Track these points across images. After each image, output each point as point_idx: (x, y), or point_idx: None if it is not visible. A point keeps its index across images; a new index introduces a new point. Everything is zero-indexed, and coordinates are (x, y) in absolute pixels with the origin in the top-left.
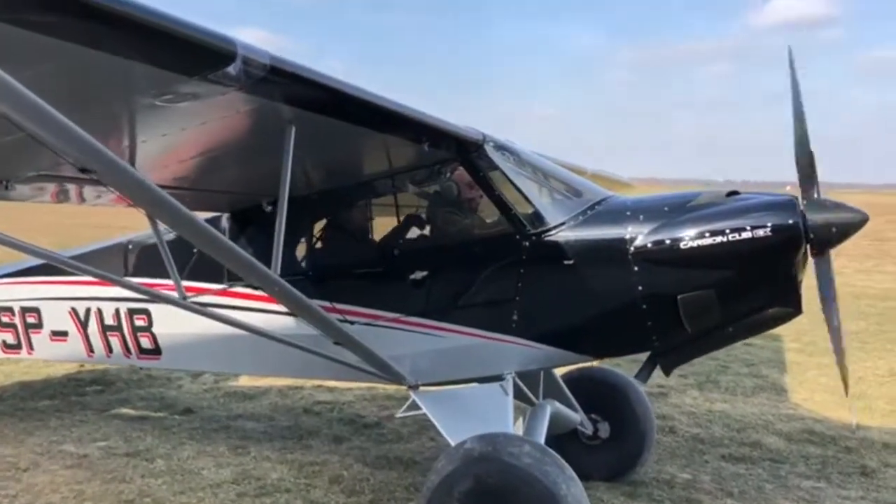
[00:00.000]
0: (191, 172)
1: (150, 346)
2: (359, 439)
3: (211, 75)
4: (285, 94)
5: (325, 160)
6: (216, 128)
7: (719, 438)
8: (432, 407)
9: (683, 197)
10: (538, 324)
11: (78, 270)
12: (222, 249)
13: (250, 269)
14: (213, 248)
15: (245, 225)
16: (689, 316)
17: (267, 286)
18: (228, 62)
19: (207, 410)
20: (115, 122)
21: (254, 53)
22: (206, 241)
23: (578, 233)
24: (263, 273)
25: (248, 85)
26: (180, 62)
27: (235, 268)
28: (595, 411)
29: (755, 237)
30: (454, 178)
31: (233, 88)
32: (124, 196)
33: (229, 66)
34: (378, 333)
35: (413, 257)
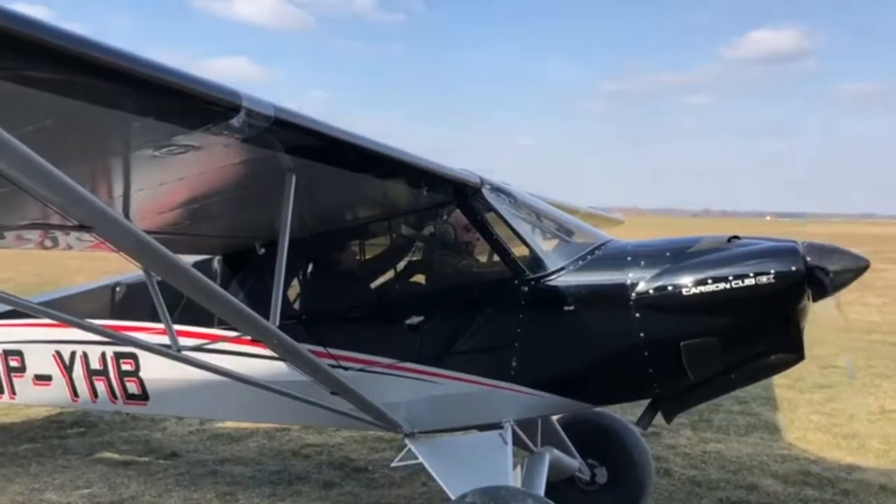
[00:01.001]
0: (185, 218)
1: (136, 392)
2: (350, 484)
3: (213, 128)
4: (287, 144)
5: (323, 205)
6: (215, 176)
7: (715, 481)
8: (429, 456)
9: (685, 242)
10: (537, 371)
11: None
12: (220, 302)
13: (248, 323)
14: (212, 302)
15: (237, 267)
16: (691, 363)
17: (266, 339)
18: (232, 115)
19: (193, 454)
20: (113, 174)
21: (258, 105)
22: (203, 294)
23: (578, 278)
24: (262, 326)
25: (251, 136)
26: (183, 115)
27: (233, 321)
28: (592, 456)
29: (758, 284)
30: (451, 221)
31: (235, 139)
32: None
33: (233, 118)
34: (373, 380)
35: (409, 302)
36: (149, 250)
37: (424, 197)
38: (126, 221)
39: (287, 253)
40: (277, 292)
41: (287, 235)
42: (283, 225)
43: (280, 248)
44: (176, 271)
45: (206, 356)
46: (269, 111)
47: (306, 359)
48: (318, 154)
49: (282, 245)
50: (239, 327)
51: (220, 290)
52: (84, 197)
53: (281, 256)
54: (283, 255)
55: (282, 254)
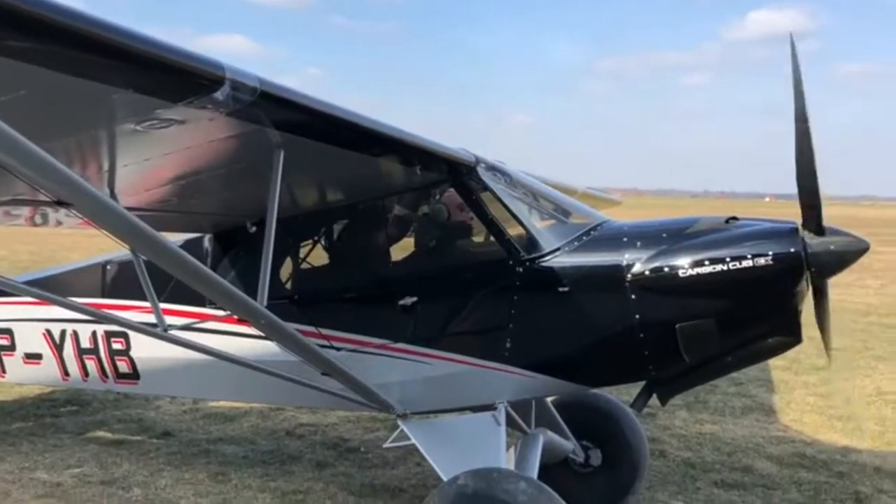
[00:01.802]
0: (173, 195)
1: (127, 371)
2: (343, 465)
3: (197, 101)
4: (274, 118)
5: (313, 183)
6: (201, 152)
7: (710, 463)
8: (422, 437)
9: (682, 222)
10: (532, 352)
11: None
12: (206, 282)
13: (234, 302)
14: (197, 281)
15: (229, 246)
16: (687, 345)
17: (254, 320)
18: (216, 88)
19: (186, 434)
20: (94, 149)
21: (242, 78)
22: (190, 275)
23: (574, 259)
24: (250, 307)
25: (236, 110)
26: (165, 88)
27: (220, 301)
28: (586, 438)
29: (756, 266)
30: (444, 200)
31: (220, 113)
32: (103, 229)
33: (216, 91)
34: (365, 360)
35: (402, 282)
36: (130, 228)
37: (418, 175)
38: (104, 197)
39: (277, 232)
40: (265, 271)
41: (275, 213)
42: (270, 202)
43: (268, 227)
44: (159, 249)
45: (195, 336)
46: (254, 84)
47: (295, 339)
48: (307, 129)
49: (270, 223)
50: (226, 307)
51: (205, 269)
52: (59, 171)
53: (269, 235)
54: (270, 234)
55: (269, 232)
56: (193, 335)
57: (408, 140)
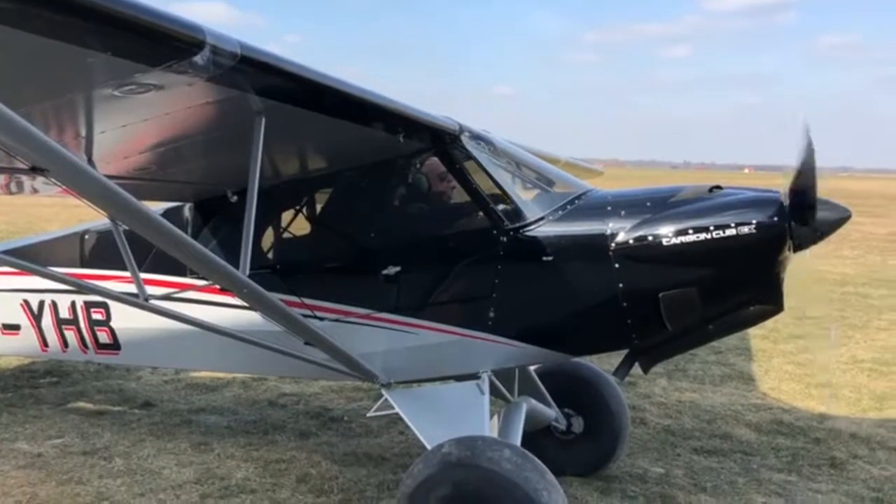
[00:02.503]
0: (152, 163)
1: (108, 341)
2: (326, 434)
3: (176, 65)
4: (255, 84)
5: (295, 151)
6: (181, 118)
7: (690, 430)
8: (406, 406)
9: (666, 191)
10: (515, 321)
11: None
12: (186, 250)
13: (217, 272)
14: (178, 250)
15: (209, 215)
16: (670, 314)
17: (235, 289)
18: (195, 51)
19: (168, 404)
20: (71, 114)
21: (222, 42)
22: (170, 243)
23: (558, 228)
24: (232, 275)
25: (217, 75)
26: (143, 51)
27: (201, 269)
28: (569, 406)
29: (739, 234)
30: (424, 170)
31: (200, 78)
32: (81, 196)
33: (196, 55)
34: (348, 330)
35: (385, 252)
36: (109, 195)
37: (401, 144)
38: (81, 163)
39: (259, 201)
40: (247, 241)
41: (256, 181)
42: (252, 170)
43: (249, 196)
44: (140, 218)
45: (176, 305)
46: (235, 48)
47: (278, 308)
48: (289, 95)
49: (251, 192)
50: (207, 276)
51: (186, 237)
52: (35, 137)
53: (250, 204)
54: (252, 203)
55: (251, 201)
56: (175, 305)
57: (391, 107)
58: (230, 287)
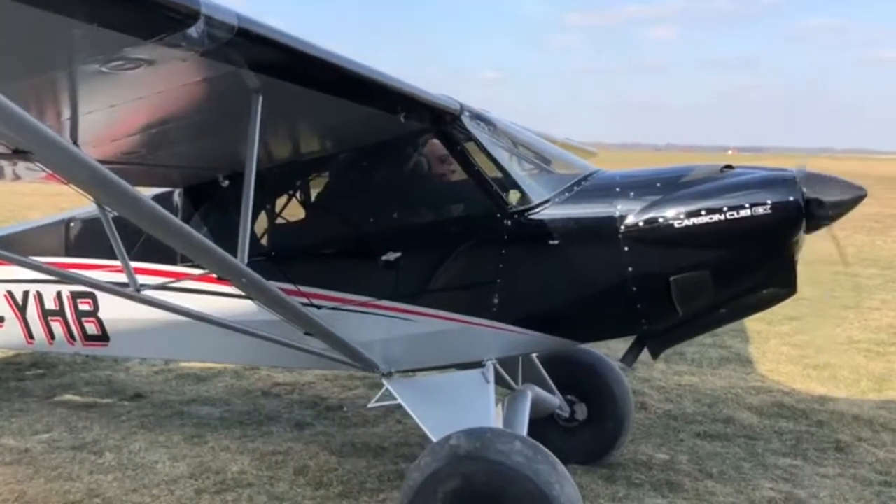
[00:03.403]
0: (141, 146)
1: (96, 333)
2: (322, 424)
3: (169, 38)
4: (254, 60)
5: (292, 132)
6: (173, 97)
7: (692, 415)
8: (408, 396)
9: (676, 171)
10: (520, 307)
11: None
12: (184, 239)
13: (215, 261)
14: (174, 238)
15: (200, 201)
16: (681, 298)
17: (234, 278)
18: (190, 23)
19: (159, 395)
20: (54, 93)
21: (219, 13)
22: (166, 231)
23: (564, 210)
24: (231, 265)
25: (212, 49)
26: (133, 23)
27: (198, 258)
28: (572, 392)
29: (754, 215)
30: (424, 151)
31: (194, 53)
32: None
33: (191, 27)
34: (347, 318)
35: (385, 236)
36: (98, 179)
37: (401, 124)
38: (68, 144)
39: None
40: (245, 227)
41: (254, 165)
42: (249, 153)
43: (247, 179)
44: (130, 203)
45: (168, 295)
46: (232, 20)
47: (277, 298)
48: (288, 72)
49: (248, 176)
50: (203, 264)
51: (180, 223)
52: (17, 116)
53: (248, 188)
54: (249, 187)
55: (248, 186)
56: (165, 295)
57: (393, 86)
58: (228, 276)
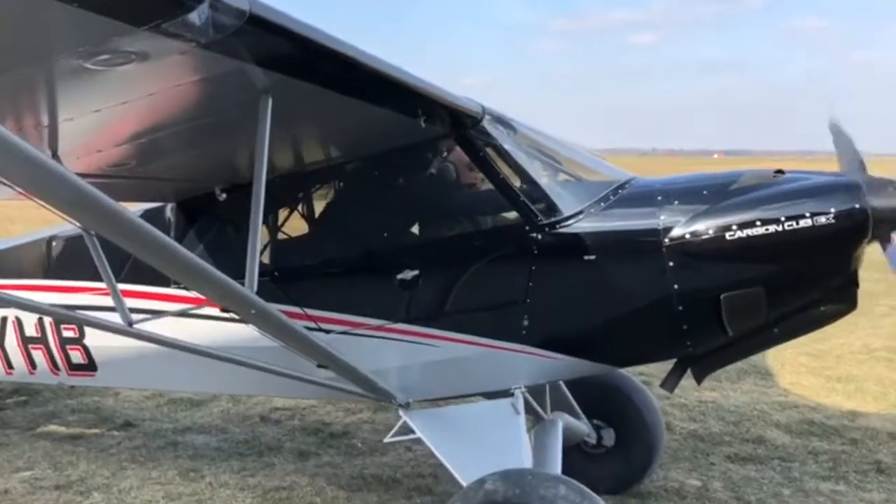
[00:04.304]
0: (129, 157)
1: (82, 361)
2: (327, 453)
3: (167, 25)
4: (264, 53)
5: (300, 138)
6: (168, 100)
7: (719, 435)
8: (429, 430)
9: (724, 177)
10: (553, 330)
11: None
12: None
13: (223, 291)
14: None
15: (194, 217)
16: (732, 317)
17: (242, 309)
18: (192, 7)
19: (150, 423)
20: (28, 96)
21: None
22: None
23: (601, 222)
24: (240, 295)
25: (217, 40)
26: (123, 5)
27: (204, 290)
28: (598, 417)
29: (816, 225)
30: (444, 158)
31: (195, 45)
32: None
33: (192, 11)
34: (359, 344)
35: (401, 253)
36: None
37: (421, 129)
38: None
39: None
40: (253, 249)
41: (263, 176)
42: (258, 162)
43: (255, 193)
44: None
45: (163, 326)
46: (243, 4)
47: (293, 331)
48: (304, 69)
49: (257, 189)
50: (211, 297)
51: (183, 251)
52: None
53: (256, 204)
54: (259, 203)
55: (257, 201)
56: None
57: (416, 85)
58: (235, 308)
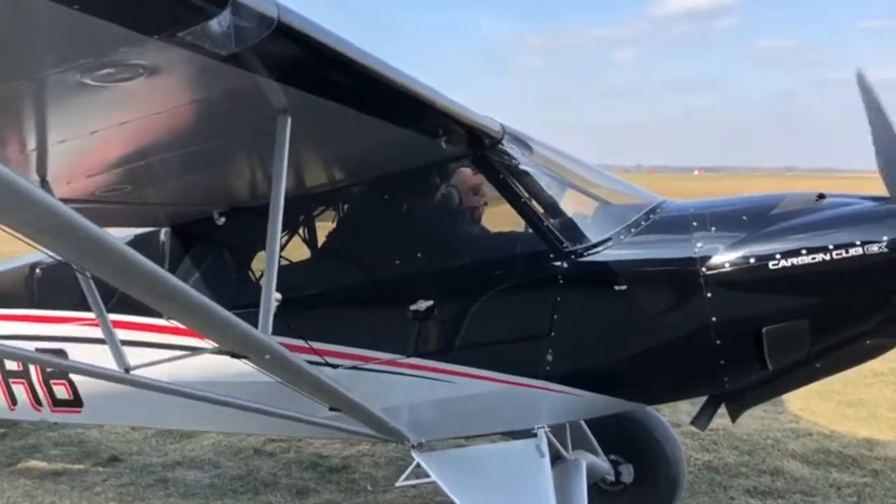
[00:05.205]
0: (125, 181)
1: (66, 397)
2: (327, 490)
3: (184, 34)
4: (291, 68)
5: (315, 160)
6: (173, 119)
7: (734, 466)
8: (446, 474)
9: (764, 201)
10: (580, 365)
11: None
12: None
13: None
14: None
15: (190, 242)
16: (774, 351)
17: (255, 354)
18: (213, 12)
19: (138, 458)
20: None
21: (254, 1)
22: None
23: (631, 250)
24: (254, 339)
25: (239, 52)
26: (133, 11)
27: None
28: (616, 452)
29: (867, 254)
30: (454, 181)
31: (214, 57)
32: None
33: (214, 18)
34: (369, 380)
35: (414, 282)
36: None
37: (436, 150)
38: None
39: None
40: (269, 288)
41: (281, 204)
42: (275, 188)
43: (272, 224)
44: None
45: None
46: (271, 10)
47: (309, 376)
48: (330, 86)
49: (274, 219)
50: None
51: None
52: None
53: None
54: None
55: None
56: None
57: (440, 104)
58: (247, 352)
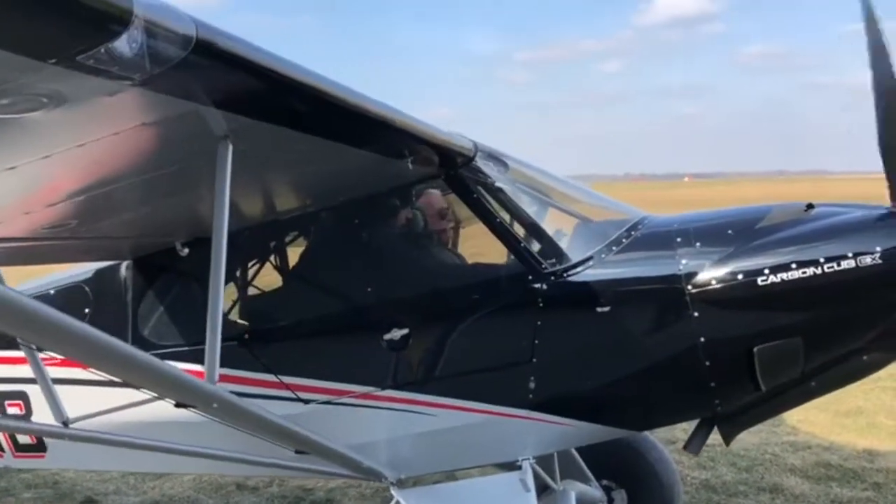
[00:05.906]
0: (70, 217)
1: (29, 442)
2: None
3: (86, 56)
4: (222, 90)
5: (269, 185)
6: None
7: (732, 484)
8: None
9: (750, 214)
10: (563, 392)
11: None
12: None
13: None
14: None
15: (154, 275)
16: (766, 371)
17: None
18: (117, 32)
19: (115, 497)
20: None
21: (166, 17)
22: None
23: (613, 269)
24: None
25: (155, 74)
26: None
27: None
28: (608, 477)
29: (861, 267)
30: (420, 204)
31: (129, 82)
32: None
33: (120, 37)
34: (343, 415)
35: (387, 310)
36: None
37: (404, 171)
38: None
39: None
40: (214, 329)
41: (224, 235)
42: (217, 219)
43: (215, 253)
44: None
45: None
46: (188, 28)
47: (265, 421)
48: (268, 109)
49: (217, 252)
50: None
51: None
52: None
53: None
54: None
55: (218, 263)
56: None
57: (404, 124)
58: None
